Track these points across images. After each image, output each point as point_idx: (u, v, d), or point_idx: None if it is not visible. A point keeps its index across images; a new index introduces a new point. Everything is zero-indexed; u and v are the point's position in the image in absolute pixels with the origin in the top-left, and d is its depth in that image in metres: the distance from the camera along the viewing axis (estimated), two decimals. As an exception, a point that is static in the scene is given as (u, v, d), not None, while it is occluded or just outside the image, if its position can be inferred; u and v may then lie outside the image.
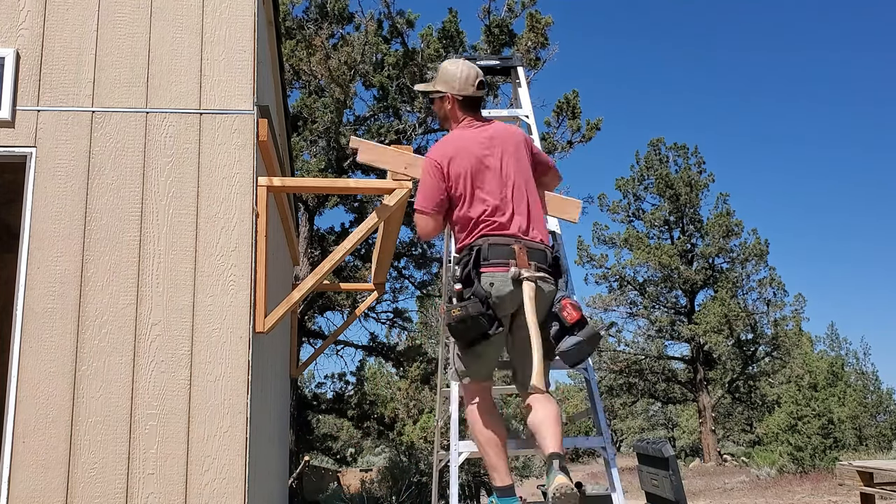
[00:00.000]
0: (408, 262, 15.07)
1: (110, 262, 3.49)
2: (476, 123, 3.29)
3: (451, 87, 3.27)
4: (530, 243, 3.05)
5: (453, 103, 3.29)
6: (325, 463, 17.94)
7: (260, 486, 3.94)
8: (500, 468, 2.99)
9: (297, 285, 3.94)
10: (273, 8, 4.94)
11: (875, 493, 8.10)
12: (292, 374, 7.86)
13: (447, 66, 3.32)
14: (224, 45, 3.81)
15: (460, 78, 3.26)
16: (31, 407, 3.32)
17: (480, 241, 3.03)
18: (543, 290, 3.01)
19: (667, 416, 41.46)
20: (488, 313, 2.90)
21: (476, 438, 3.06)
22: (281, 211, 5.28)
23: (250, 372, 3.46)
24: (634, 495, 11.79)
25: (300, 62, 12.48)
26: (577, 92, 13.05)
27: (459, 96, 3.27)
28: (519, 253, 2.97)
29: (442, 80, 3.30)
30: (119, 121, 3.66)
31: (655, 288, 29.29)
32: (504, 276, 2.95)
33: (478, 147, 3.17)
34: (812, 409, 19.85)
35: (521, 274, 2.93)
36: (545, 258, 3.07)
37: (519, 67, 4.53)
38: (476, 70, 3.30)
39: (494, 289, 2.95)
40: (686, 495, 3.86)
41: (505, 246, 3.00)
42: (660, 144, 30.12)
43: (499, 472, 2.99)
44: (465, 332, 2.92)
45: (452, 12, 13.11)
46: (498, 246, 3.00)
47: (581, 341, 2.98)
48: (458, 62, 3.33)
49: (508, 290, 2.95)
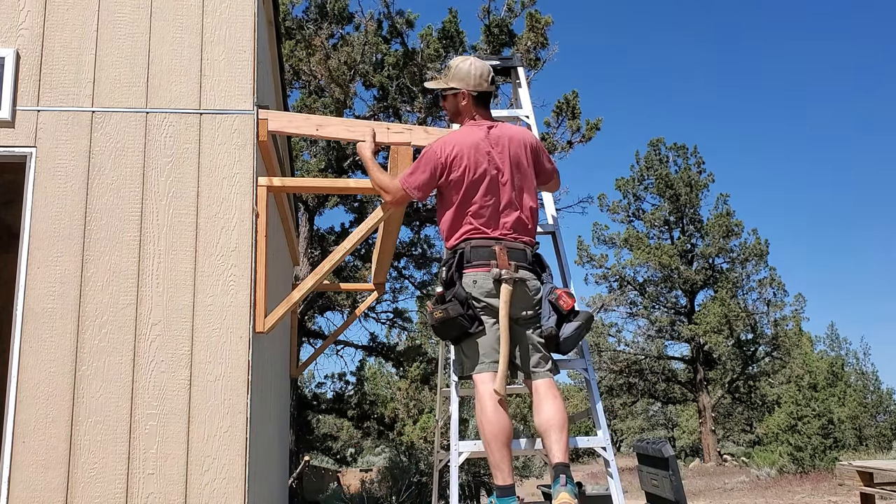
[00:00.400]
0: (408, 262, 15.07)
1: (110, 262, 3.49)
2: (485, 122, 3.41)
3: (466, 83, 3.40)
4: (511, 244, 3.23)
5: (468, 99, 3.41)
6: (325, 463, 17.94)
7: (260, 486, 3.94)
8: (504, 466, 3.00)
9: (297, 285, 3.94)
10: (273, 8, 4.94)
11: (875, 493, 8.11)
12: (292, 374, 7.86)
13: (460, 64, 3.43)
14: (224, 45, 3.81)
15: (475, 74, 3.39)
16: (31, 407, 3.32)
17: (464, 245, 3.23)
18: (528, 285, 3.22)
19: (667, 416, 41.47)
20: (468, 313, 3.11)
21: (482, 435, 3.06)
22: (281, 211, 5.28)
23: (250, 372, 3.46)
24: (634, 495, 11.80)
25: (300, 62, 12.48)
26: (576, 92, 13.05)
27: (475, 92, 3.40)
28: (500, 254, 3.17)
29: (457, 78, 3.42)
30: (119, 121, 3.66)
31: (655, 288, 29.30)
32: (486, 275, 3.15)
33: (482, 146, 3.29)
34: (812, 409, 19.86)
35: (500, 274, 3.12)
36: (525, 256, 3.26)
37: (519, 68, 4.53)
38: (487, 65, 3.45)
39: (477, 286, 3.15)
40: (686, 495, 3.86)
41: (486, 248, 3.19)
42: (660, 144, 30.14)
43: (501, 471, 3.00)
44: (447, 331, 3.17)
45: (452, 12, 13.11)
46: (480, 248, 3.20)
47: (580, 325, 3.22)
48: (470, 59, 3.45)
49: (489, 289, 3.14)
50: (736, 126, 73.47)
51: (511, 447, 3.06)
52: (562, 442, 3.01)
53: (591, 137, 13.07)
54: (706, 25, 75.33)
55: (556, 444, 3.00)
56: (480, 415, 3.07)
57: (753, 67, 76.47)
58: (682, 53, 78.71)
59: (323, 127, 3.98)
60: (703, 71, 75.28)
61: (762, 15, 75.26)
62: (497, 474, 3.01)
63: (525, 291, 3.20)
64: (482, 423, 3.06)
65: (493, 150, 3.29)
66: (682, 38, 78.29)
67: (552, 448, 3.01)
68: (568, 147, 13.08)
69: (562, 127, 13.16)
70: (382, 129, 4.00)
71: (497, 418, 3.03)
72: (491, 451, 3.02)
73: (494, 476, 3.03)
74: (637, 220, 30.19)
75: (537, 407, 3.14)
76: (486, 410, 3.05)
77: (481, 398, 3.10)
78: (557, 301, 3.20)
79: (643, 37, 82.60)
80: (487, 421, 3.03)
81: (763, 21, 76.51)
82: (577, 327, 3.20)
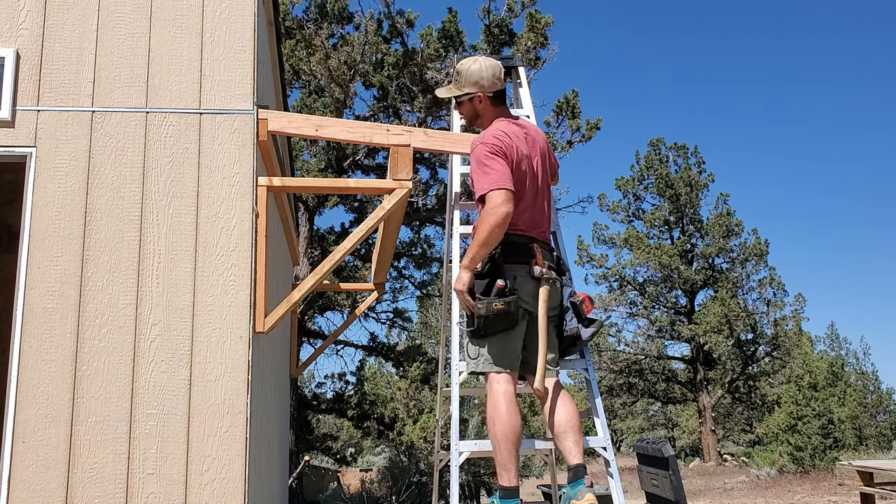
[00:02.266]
0: (408, 262, 15.07)
1: (110, 262, 3.49)
2: (513, 119, 3.39)
3: (481, 86, 3.33)
4: (543, 244, 3.27)
5: (485, 101, 3.36)
6: (325, 463, 17.95)
7: (260, 485, 3.94)
8: (511, 468, 2.99)
9: (297, 285, 3.94)
10: (273, 8, 4.94)
11: (875, 493, 8.11)
12: (292, 374, 7.86)
13: (470, 66, 3.35)
14: (224, 45, 3.81)
15: (487, 75, 3.33)
16: (31, 407, 3.32)
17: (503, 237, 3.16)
18: (557, 287, 3.27)
19: (667, 416, 41.43)
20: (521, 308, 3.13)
21: (492, 434, 3.05)
22: (281, 211, 5.28)
23: (250, 372, 3.46)
24: (634, 495, 11.81)
25: (300, 62, 12.48)
26: (576, 91, 13.04)
27: (490, 93, 3.35)
28: (538, 253, 3.18)
29: (470, 82, 3.34)
30: (119, 121, 3.66)
31: (655, 288, 29.28)
32: (525, 272, 3.15)
33: (522, 144, 3.27)
34: (812, 409, 19.86)
35: (542, 273, 3.13)
36: (553, 257, 3.31)
37: (520, 67, 4.53)
38: (497, 63, 3.40)
39: (518, 282, 3.13)
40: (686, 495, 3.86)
41: (524, 245, 3.19)
42: (660, 144, 30.13)
43: (508, 472, 2.99)
44: (497, 325, 3.09)
45: (452, 12, 13.11)
46: (518, 245, 3.18)
47: (594, 332, 3.33)
48: (478, 58, 3.38)
49: (529, 287, 3.14)
50: (736, 125, 73.50)
51: (519, 449, 3.06)
52: (580, 443, 3.08)
53: (591, 137, 13.06)
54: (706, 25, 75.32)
55: (575, 445, 3.06)
56: (493, 413, 3.06)
57: (754, 65, 76.50)
58: (682, 53, 78.71)
59: (323, 128, 3.99)
60: (703, 70, 75.30)
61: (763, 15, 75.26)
62: (503, 475, 3.00)
63: (557, 291, 3.26)
64: (494, 421, 3.05)
65: (531, 146, 3.30)
66: (682, 37, 78.31)
67: (572, 449, 3.05)
68: (568, 146, 13.07)
69: (562, 126, 13.15)
70: (382, 131, 4.00)
71: (510, 419, 3.02)
72: (500, 451, 3.00)
73: (500, 476, 3.01)
74: (637, 220, 30.20)
75: (551, 407, 3.16)
76: (501, 410, 3.04)
77: (496, 397, 3.08)
78: (581, 305, 3.29)
79: (643, 36, 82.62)
80: (500, 420, 3.02)
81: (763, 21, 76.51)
82: (591, 333, 3.31)
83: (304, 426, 14.45)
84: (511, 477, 2.98)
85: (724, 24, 75.06)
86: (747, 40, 74.65)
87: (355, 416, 14.14)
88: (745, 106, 74.11)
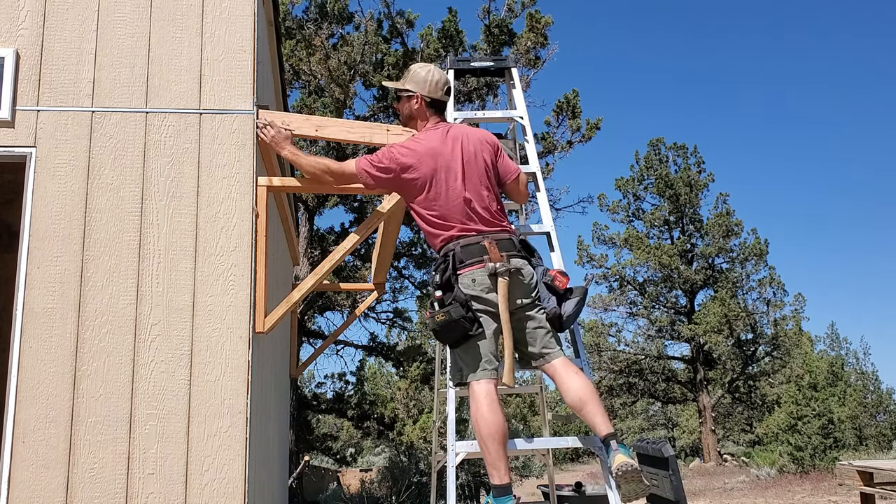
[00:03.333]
0: (408, 262, 15.07)
1: (110, 262, 3.49)
2: (440, 125, 3.50)
3: (420, 88, 3.51)
4: (496, 235, 3.26)
5: (420, 104, 3.51)
6: (325, 463, 17.96)
7: (260, 486, 3.95)
8: (500, 465, 3.02)
9: (297, 285, 3.94)
10: (273, 8, 4.94)
11: (875, 493, 8.12)
12: (292, 374, 7.86)
13: (418, 70, 3.56)
14: (224, 45, 3.81)
15: (430, 81, 3.51)
16: (31, 407, 3.32)
17: (452, 246, 3.25)
18: (522, 273, 3.24)
19: (667, 416, 41.44)
20: (468, 315, 3.11)
21: (478, 434, 3.08)
22: (281, 211, 5.28)
23: (250, 372, 3.46)
24: (634, 495, 11.76)
25: (300, 62, 12.49)
26: (576, 91, 13.06)
27: (428, 98, 3.50)
28: (490, 248, 3.18)
29: (412, 81, 3.54)
30: (119, 121, 3.66)
31: (655, 288, 29.28)
32: (482, 271, 3.17)
33: (439, 146, 3.37)
34: (812, 409, 19.85)
35: (497, 268, 3.14)
36: (513, 245, 3.29)
37: (513, 68, 4.54)
38: (446, 76, 3.57)
39: (477, 284, 3.16)
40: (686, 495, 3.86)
41: (475, 244, 3.22)
42: (660, 144, 30.12)
43: (498, 470, 3.02)
44: (449, 335, 3.16)
45: (452, 12, 13.11)
46: (469, 246, 3.22)
47: (579, 300, 3.30)
48: (430, 66, 3.58)
49: (488, 284, 3.16)
50: (736, 125, 73.48)
51: (507, 446, 3.08)
52: (601, 411, 3.07)
53: (591, 137, 13.08)
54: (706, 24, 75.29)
55: (597, 415, 3.07)
56: (476, 414, 3.09)
57: (754, 65, 76.48)
58: (682, 53, 78.68)
59: (323, 128, 3.99)
60: (703, 70, 75.27)
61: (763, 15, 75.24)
62: (493, 473, 3.03)
63: (521, 280, 3.24)
64: (477, 422, 3.08)
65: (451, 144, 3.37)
66: (682, 37, 78.28)
67: (595, 420, 3.06)
68: (568, 146, 13.09)
69: (562, 126, 13.16)
70: (382, 131, 4.00)
71: (492, 417, 3.05)
72: (487, 450, 3.03)
73: (491, 475, 3.05)
74: (637, 220, 30.18)
75: (562, 387, 3.18)
76: (482, 409, 3.07)
77: (476, 397, 3.12)
78: (553, 282, 3.28)
79: (643, 36, 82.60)
80: (483, 420, 3.05)
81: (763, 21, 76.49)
82: (576, 304, 3.28)
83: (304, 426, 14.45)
84: (502, 474, 3.01)
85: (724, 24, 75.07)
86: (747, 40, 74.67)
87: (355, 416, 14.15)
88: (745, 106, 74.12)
